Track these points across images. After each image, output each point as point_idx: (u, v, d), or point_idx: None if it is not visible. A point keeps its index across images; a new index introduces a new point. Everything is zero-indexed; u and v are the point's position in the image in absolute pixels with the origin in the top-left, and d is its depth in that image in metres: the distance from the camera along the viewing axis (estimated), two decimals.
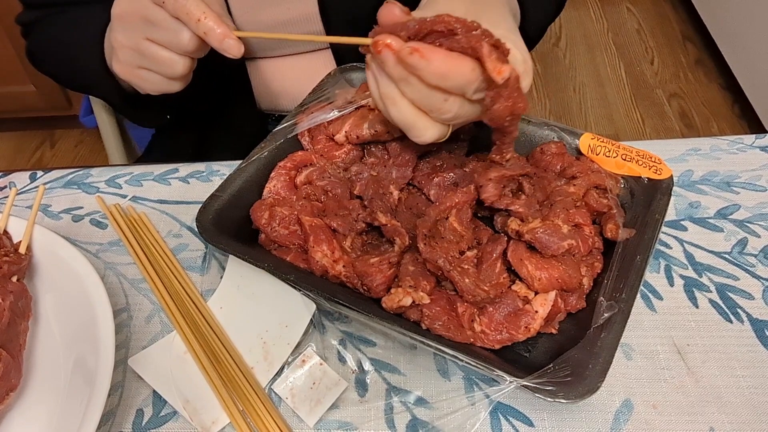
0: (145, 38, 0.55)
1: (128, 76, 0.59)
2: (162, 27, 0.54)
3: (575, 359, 0.44)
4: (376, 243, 0.55)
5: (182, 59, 0.56)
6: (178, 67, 0.56)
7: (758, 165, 0.65)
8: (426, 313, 0.48)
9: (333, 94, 0.62)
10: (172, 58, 0.56)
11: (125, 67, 0.58)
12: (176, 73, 0.57)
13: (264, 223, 0.55)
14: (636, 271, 0.49)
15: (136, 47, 0.56)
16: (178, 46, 0.55)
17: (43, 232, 0.57)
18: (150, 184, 0.69)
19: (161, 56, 0.56)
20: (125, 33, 0.56)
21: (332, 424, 0.49)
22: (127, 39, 0.56)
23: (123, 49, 0.57)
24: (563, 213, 0.53)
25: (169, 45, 0.55)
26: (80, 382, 0.49)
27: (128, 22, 0.55)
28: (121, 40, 0.57)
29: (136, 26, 0.55)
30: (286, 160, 0.60)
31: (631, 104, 2.02)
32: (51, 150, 2.07)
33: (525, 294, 0.50)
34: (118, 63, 0.59)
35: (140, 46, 0.56)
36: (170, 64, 0.56)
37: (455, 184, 0.57)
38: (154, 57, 0.56)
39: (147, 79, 0.58)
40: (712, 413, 0.48)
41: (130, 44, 0.56)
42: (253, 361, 0.52)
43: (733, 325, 0.53)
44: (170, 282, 0.58)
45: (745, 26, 1.87)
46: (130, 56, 0.57)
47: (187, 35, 0.53)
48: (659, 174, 0.55)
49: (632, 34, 2.27)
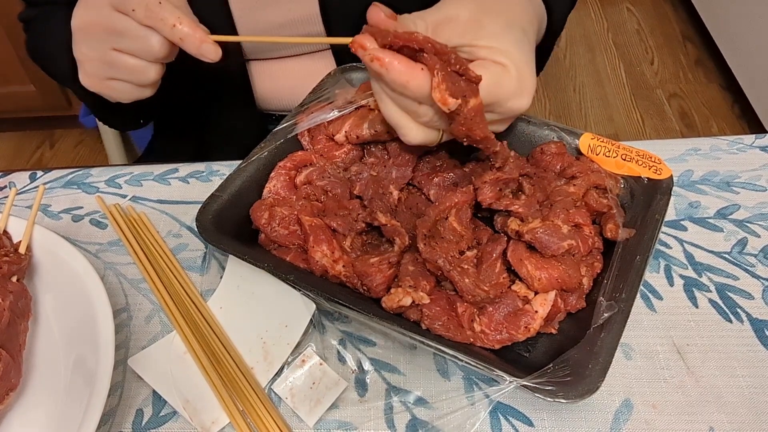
0: (111, 48, 0.54)
1: (97, 87, 0.58)
2: (130, 36, 0.52)
3: (575, 359, 0.44)
4: (376, 243, 0.55)
5: (153, 66, 0.55)
6: (149, 73, 0.55)
7: (758, 165, 0.65)
8: (426, 313, 0.48)
9: (333, 94, 0.62)
10: (142, 66, 0.54)
11: (93, 80, 0.57)
12: (147, 80, 0.56)
13: (264, 223, 0.55)
14: (636, 271, 0.49)
15: (102, 58, 0.54)
16: (148, 53, 0.53)
17: (43, 232, 0.57)
18: (150, 184, 0.69)
19: (131, 65, 0.54)
20: (89, 45, 0.55)
21: (332, 423, 0.50)
22: (92, 51, 0.55)
23: (89, 61, 0.56)
24: (563, 213, 0.53)
25: (138, 53, 0.54)
26: (80, 382, 0.49)
27: (91, 33, 0.54)
28: (86, 53, 0.55)
29: (101, 37, 0.53)
30: (286, 160, 0.60)
31: (631, 104, 2.02)
32: (51, 150, 2.07)
33: (525, 294, 0.50)
34: (85, 76, 0.57)
35: (107, 57, 0.54)
36: (141, 71, 0.55)
37: (455, 184, 0.58)
38: (123, 66, 0.54)
39: (117, 88, 0.57)
40: (712, 413, 0.48)
41: (96, 56, 0.55)
42: (252, 361, 0.52)
43: (732, 325, 0.53)
44: (170, 282, 0.58)
45: (745, 26, 1.87)
46: (98, 68, 0.56)
47: (157, 41, 0.52)
48: (659, 174, 0.55)
49: (632, 34, 2.27)
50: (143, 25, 0.52)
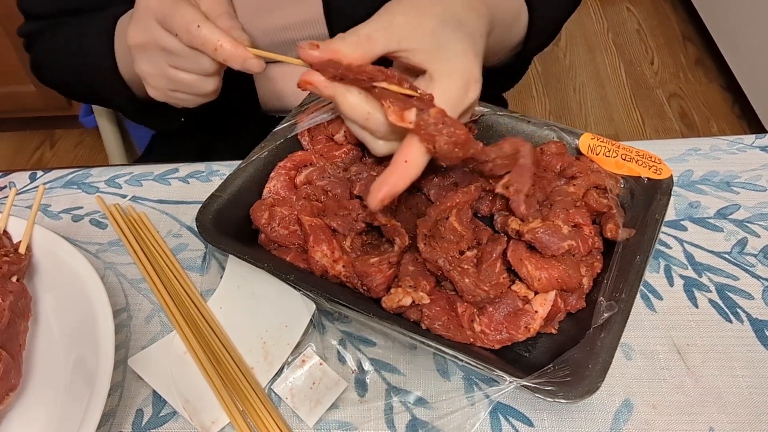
0: (168, 66, 0.56)
1: (164, 98, 0.60)
2: (181, 55, 0.54)
3: (575, 359, 0.44)
4: (376, 243, 0.55)
5: (209, 78, 0.57)
6: (208, 86, 0.57)
7: (758, 165, 0.65)
8: (426, 313, 0.48)
9: None
10: (199, 80, 0.56)
11: (159, 92, 0.59)
12: (207, 91, 0.58)
13: (264, 223, 0.55)
14: (636, 271, 0.49)
15: (162, 74, 0.56)
16: (200, 70, 0.55)
17: (43, 232, 0.57)
18: (150, 184, 0.69)
19: (189, 80, 0.56)
20: (148, 62, 0.57)
21: (332, 424, 0.50)
22: (152, 68, 0.57)
23: (151, 77, 0.58)
24: (563, 213, 0.53)
25: (192, 70, 0.55)
26: (80, 382, 0.49)
27: (147, 52, 0.56)
28: (146, 69, 0.57)
29: (157, 55, 0.55)
30: (285, 160, 0.60)
31: (631, 104, 2.02)
32: (51, 150, 2.07)
33: (525, 294, 0.50)
34: (151, 89, 0.59)
35: (166, 73, 0.56)
36: (199, 84, 0.57)
37: (455, 184, 0.57)
38: (181, 81, 0.56)
39: (182, 99, 0.59)
40: (712, 413, 0.48)
41: (157, 72, 0.57)
42: (252, 361, 0.52)
43: (732, 325, 0.53)
44: (170, 282, 0.58)
45: (745, 26, 1.87)
46: (160, 82, 0.58)
47: (206, 61, 0.54)
48: (659, 174, 0.55)
49: (632, 34, 2.27)
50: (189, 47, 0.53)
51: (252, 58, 0.52)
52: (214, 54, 0.52)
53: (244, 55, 0.51)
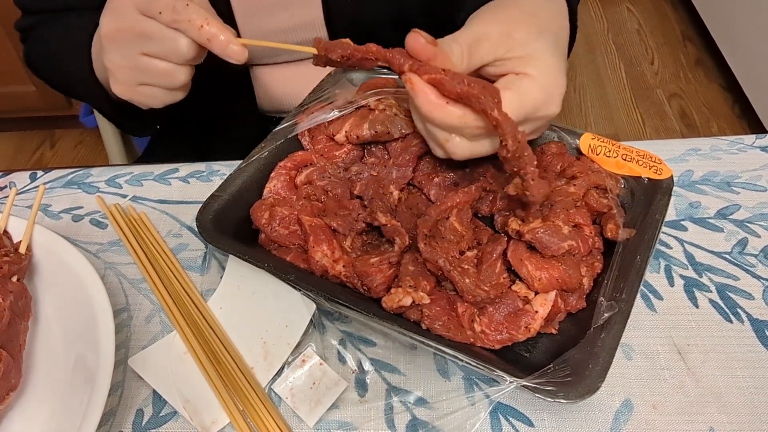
0: (140, 53, 0.54)
1: (129, 94, 0.58)
2: (158, 38, 0.52)
3: (575, 359, 0.44)
4: (376, 243, 0.55)
5: (182, 68, 0.55)
6: (179, 76, 0.55)
7: (758, 165, 0.65)
8: (426, 313, 0.48)
9: (333, 94, 0.62)
10: (172, 69, 0.54)
11: (124, 87, 0.57)
12: (178, 83, 0.56)
13: (264, 223, 0.55)
14: (636, 271, 0.49)
15: (132, 64, 0.55)
16: (177, 55, 0.53)
17: (43, 231, 0.57)
18: (150, 183, 0.69)
19: (161, 68, 0.54)
20: (119, 52, 0.55)
21: (332, 424, 0.49)
22: (121, 58, 0.55)
23: (119, 69, 0.56)
24: (563, 213, 0.53)
25: (167, 56, 0.54)
26: (80, 381, 0.49)
27: (119, 40, 0.54)
28: (116, 60, 0.55)
29: (129, 43, 0.54)
30: (286, 160, 0.60)
31: (631, 104, 2.02)
32: (51, 150, 2.07)
33: (525, 294, 0.50)
34: (116, 84, 0.57)
35: (137, 63, 0.54)
36: (171, 74, 0.55)
37: (455, 184, 0.58)
38: (153, 70, 0.54)
39: (149, 94, 0.57)
40: (712, 413, 0.48)
41: (126, 63, 0.55)
42: (253, 361, 0.52)
43: (733, 325, 0.53)
44: (170, 282, 0.58)
45: (745, 26, 1.87)
46: (128, 75, 0.56)
47: (185, 43, 0.52)
48: (659, 174, 0.55)
49: (632, 34, 2.27)
50: (170, 28, 0.52)
51: (235, 45, 0.51)
52: (198, 33, 0.50)
53: (228, 39, 0.50)
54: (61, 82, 0.77)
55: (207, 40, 0.51)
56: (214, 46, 0.51)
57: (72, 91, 0.77)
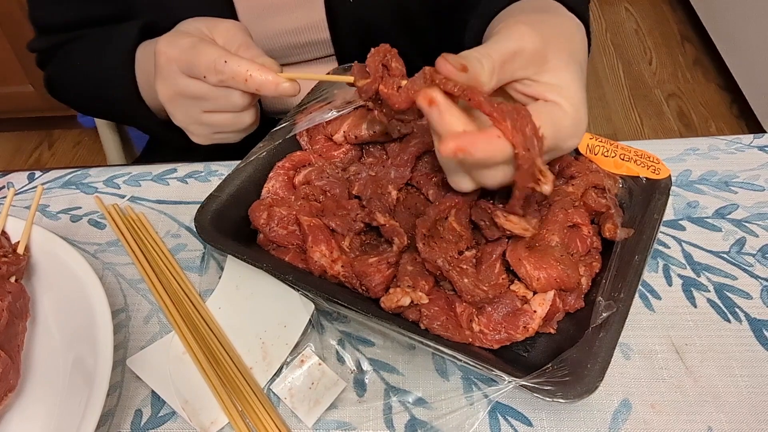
0: (201, 112, 0.56)
1: (210, 142, 0.60)
2: (211, 99, 0.54)
3: (574, 359, 0.44)
4: (375, 243, 0.55)
5: (245, 113, 0.56)
6: (245, 119, 0.57)
7: (756, 165, 0.66)
8: (425, 312, 0.48)
9: (332, 94, 0.62)
10: (235, 118, 0.56)
11: (204, 138, 0.60)
12: (245, 125, 0.58)
13: (262, 223, 0.55)
14: (634, 271, 0.49)
15: (200, 122, 0.57)
16: (233, 107, 0.55)
17: (42, 232, 0.57)
18: (148, 184, 0.69)
19: (225, 120, 0.56)
20: (183, 113, 0.57)
21: (331, 424, 0.49)
22: (188, 118, 0.57)
23: (190, 126, 0.58)
24: (561, 213, 0.53)
25: (225, 109, 0.55)
26: (79, 382, 0.49)
27: (178, 104, 0.56)
28: (183, 120, 0.58)
29: (188, 105, 0.56)
30: (284, 160, 0.60)
31: (630, 104, 2.02)
32: (49, 150, 2.07)
33: (523, 294, 0.50)
34: (195, 137, 0.60)
35: (202, 120, 0.56)
36: (236, 122, 0.57)
37: None
38: (219, 123, 0.57)
39: (227, 138, 0.60)
40: (711, 413, 0.48)
41: (194, 121, 0.57)
42: (251, 361, 0.52)
43: (731, 325, 0.53)
44: (169, 282, 0.58)
45: (743, 26, 1.87)
46: (200, 129, 0.58)
47: (237, 95, 0.53)
48: (657, 174, 0.55)
49: (630, 34, 2.28)
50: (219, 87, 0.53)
51: (284, 82, 0.51)
52: (245, 86, 0.51)
53: (275, 80, 0.51)
54: (92, 106, 0.76)
55: (256, 90, 0.52)
56: (265, 92, 0.52)
57: (109, 115, 0.76)
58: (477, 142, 0.40)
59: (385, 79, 0.47)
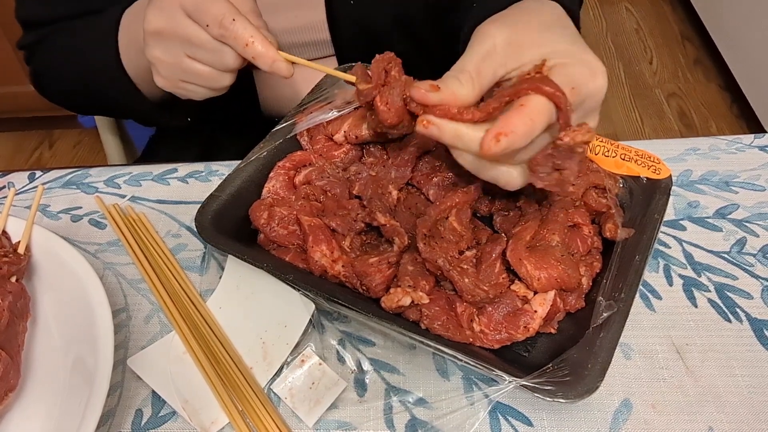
0: (185, 56, 0.54)
1: (171, 88, 0.59)
2: (203, 47, 0.53)
3: (574, 359, 0.44)
4: (375, 243, 0.55)
5: (226, 74, 0.56)
6: (223, 81, 0.56)
7: (757, 164, 0.66)
8: (425, 312, 0.48)
9: (332, 94, 0.62)
10: (215, 74, 0.55)
11: (167, 81, 0.58)
12: (220, 86, 0.57)
13: (263, 223, 0.55)
14: (635, 271, 0.49)
15: (176, 62, 0.55)
16: (221, 65, 0.54)
17: (42, 232, 0.57)
18: (149, 184, 0.69)
19: (204, 72, 0.55)
20: (164, 50, 0.55)
21: (331, 424, 0.49)
22: (166, 55, 0.55)
23: (163, 65, 0.56)
24: (562, 213, 0.53)
25: (212, 64, 0.54)
26: (79, 382, 0.49)
27: (164, 38, 0.54)
28: (160, 56, 0.56)
29: (174, 43, 0.54)
30: (285, 160, 0.60)
31: (630, 104, 2.02)
32: (50, 150, 2.06)
33: (524, 294, 0.50)
34: (159, 78, 0.58)
35: (181, 62, 0.55)
36: (214, 79, 0.55)
37: (454, 184, 0.57)
38: (196, 73, 0.55)
39: (191, 90, 0.58)
40: (711, 413, 0.48)
41: (170, 59, 0.55)
42: (252, 361, 0.52)
43: (731, 325, 0.53)
44: (169, 282, 0.58)
45: (743, 26, 1.87)
46: (171, 71, 0.56)
47: (231, 56, 0.53)
48: (658, 174, 0.55)
49: (631, 33, 2.27)
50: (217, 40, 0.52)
51: (281, 61, 0.51)
52: (243, 50, 0.51)
53: (274, 56, 0.51)
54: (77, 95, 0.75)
55: (252, 57, 0.51)
56: (259, 63, 0.51)
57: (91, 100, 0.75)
58: (511, 119, 0.41)
59: (381, 91, 0.48)
